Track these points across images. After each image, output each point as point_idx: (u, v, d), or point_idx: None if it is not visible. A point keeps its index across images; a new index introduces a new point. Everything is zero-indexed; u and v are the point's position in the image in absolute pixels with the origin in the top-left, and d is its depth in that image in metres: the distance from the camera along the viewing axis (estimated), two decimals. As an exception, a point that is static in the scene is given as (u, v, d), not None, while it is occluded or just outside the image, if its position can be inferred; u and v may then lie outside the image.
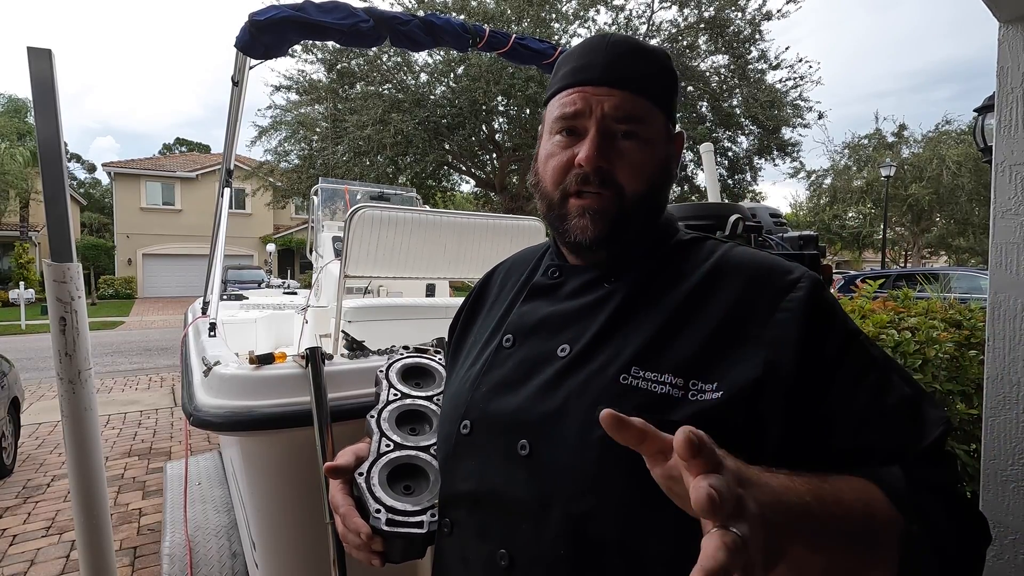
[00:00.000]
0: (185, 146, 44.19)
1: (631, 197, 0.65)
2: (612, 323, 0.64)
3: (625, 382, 0.59)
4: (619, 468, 0.56)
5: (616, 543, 0.57)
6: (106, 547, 1.40)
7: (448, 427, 0.72)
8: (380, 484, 0.75)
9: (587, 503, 0.57)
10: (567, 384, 0.62)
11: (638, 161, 0.65)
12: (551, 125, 0.69)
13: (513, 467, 0.62)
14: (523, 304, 0.73)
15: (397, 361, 1.00)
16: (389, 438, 0.82)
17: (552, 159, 0.68)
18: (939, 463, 0.57)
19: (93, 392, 1.37)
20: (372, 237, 1.99)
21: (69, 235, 1.31)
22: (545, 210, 0.71)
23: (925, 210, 20.30)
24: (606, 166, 0.64)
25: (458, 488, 0.68)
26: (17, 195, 19.75)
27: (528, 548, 0.60)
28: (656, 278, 0.67)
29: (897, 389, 0.59)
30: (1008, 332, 1.10)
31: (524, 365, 0.67)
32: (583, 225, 0.66)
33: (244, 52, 1.95)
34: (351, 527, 0.71)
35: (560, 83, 0.69)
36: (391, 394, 0.92)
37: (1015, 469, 1.09)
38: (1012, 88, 1.10)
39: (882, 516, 0.50)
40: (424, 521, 0.73)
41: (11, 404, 4.17)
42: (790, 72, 12.60)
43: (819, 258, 1.51)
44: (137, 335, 12.88)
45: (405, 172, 12.51)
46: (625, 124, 0.65)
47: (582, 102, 0.65)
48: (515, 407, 0.64)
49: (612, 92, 0.65)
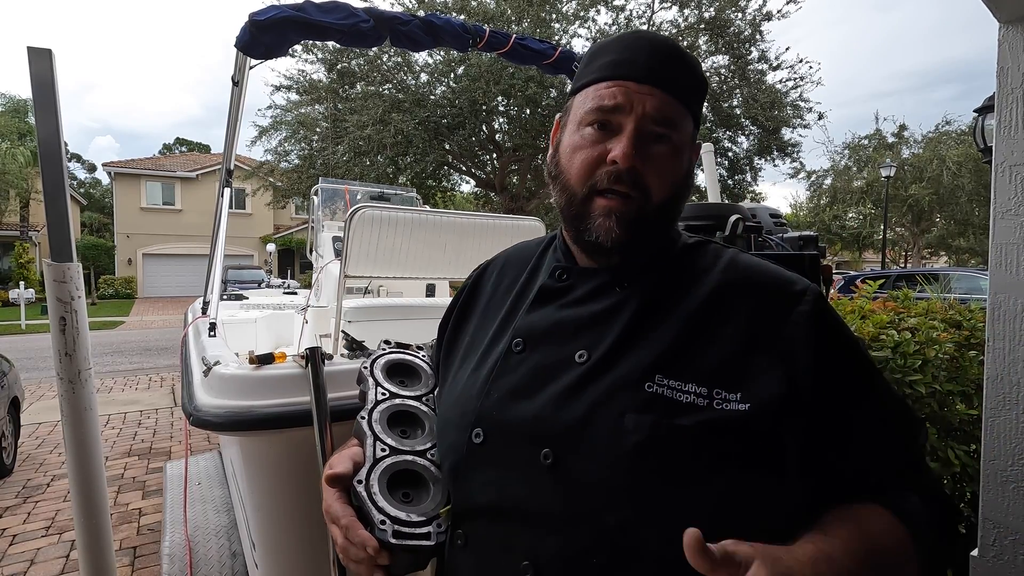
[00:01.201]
0: (185, 146, 44.22)
1: (656, 203, 0.64)
2: (631, 330, 0.63)
3: (650, 390, 0.59)
4: (653, 477, 0.56)
5: (653, 552, 0.56)
6: (106, 547, 1.40)
7: (456, 435, 0.68)
8: (381, 492, 0.70)
9: (622, 514, 0.56)
10: (589, 392, 0.60)
11: (668, 167, 0.64)
12: (583, 116, 0.65)
13: (537, 478, 0.60)
14: (532, 308, 0.71)
15: (380, 357, 0.94)
16: (384, 442, 0.77)
17: (580, 152, 0.65)
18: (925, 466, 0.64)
19: (93, 392, 1.37)
20: (372, 237, 1.99)
21: (69, 235, 1.31)
22: (564, 204, 0.67)
23: (925, 210, 20.30)
24: (640, 167, 0.62)
25: (476, 500, 0.65)
26: (17, 195, 19.77)
27: (556, 560, 0.59)
28: (667, 284, 0.66)
29: (889, 401, 0.64)
30: (1008, 332, 1.10)
31: (538, 371, 0.65)
32: (608, 226, 0.63)
33: (244, 52, 1.95)
34: (356, 540, 0.64)
35: (597, 74, 0.65)
36: (379, 393, 0.85)
37: (1015, 469, 1.09)
38: (1012, 88, 1.10)
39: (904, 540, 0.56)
40: (431, 532, 0.68)
41: (11, 404, 4.17)
42: (790, 72, 12.62)
43: (819, 258, 1.51)
44: (137, 335, 12.88)
45: (405, 172, 12.51)
46: (661, 127, 0.63)
47: (623, 96, 0.62)
48: (533, 415, 0.62)
49: (654, 92, 0.62)
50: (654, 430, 0.56)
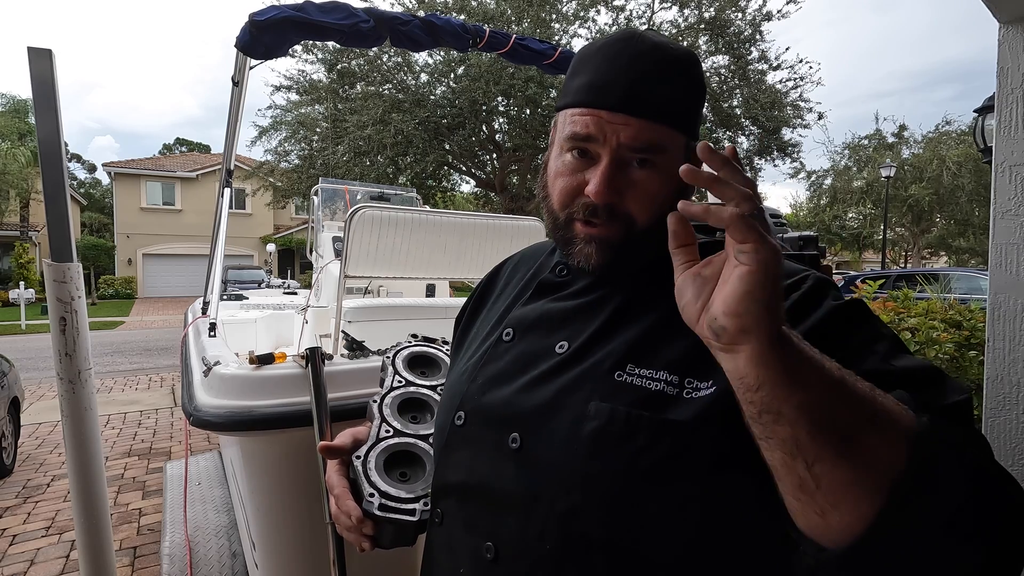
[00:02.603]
0: (185, 146, 44.21)
1: (641, 228, 0.62)
2: (610, 322, 0.64)
3: (619, 379, 0.58)
4: (608, 466, 0.55)
5: (602, 541, 0.56)
6: (106, 547, 1.40)
7: (443, 417, 0.72)
8: (376, 469, 0.76)
9: (572, 500, 0.56)
10: (560, 379, 0.61)
11: (652, 192, 0.61)
12: (562, 141, 0.64)
13: (503, 460, 0.62)
14: (528, 300, 0.73)
15: (404, 348, 1.00)
16: (390, 424, 0.83)
17: (560, 179, 0.64)
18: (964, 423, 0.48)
19: (93, 392, 1.37)
20: (372, 237, 1.99)
21: (69, 235, 1.31)
22: (551, 227, 0.68)
23: (925, 211, 20.30)
24: (616, 200, 0.60)
25: (449, 479, 0.68)
26: (17, 195, 19.76)
27: (513, 542, 0.60)
28: (660, 278, 0.64)
29: (910, 357, 0.53)
30: (1008, 332, 1.10)
31: (521, 359, 0.66)
32: (588, 253, 0.63)
33: (244, 52, 1.95)
34: (343, 508, 0.72)
35: (573, 96, 0.63)
36: (395, 381, 0.92)
37: (1015, 469, 1.09)
38: (1012, 89, 1.10)
39: (896, 404, 0.44)
40: (416, 509, 0.73)
41: (11, 404, 4.16)
42: (790, 73, 12.62)
43: (819, 258, 1.52)
44: (137, 335, 12.88)
45: (405, 172, 12.51)
46: (641, 153, 0.60)
47: (595, 127, 0.60)
48: (506, 399, 0.64)
49: (629, 121, 0.59)
50: (611, 416, 0.56)
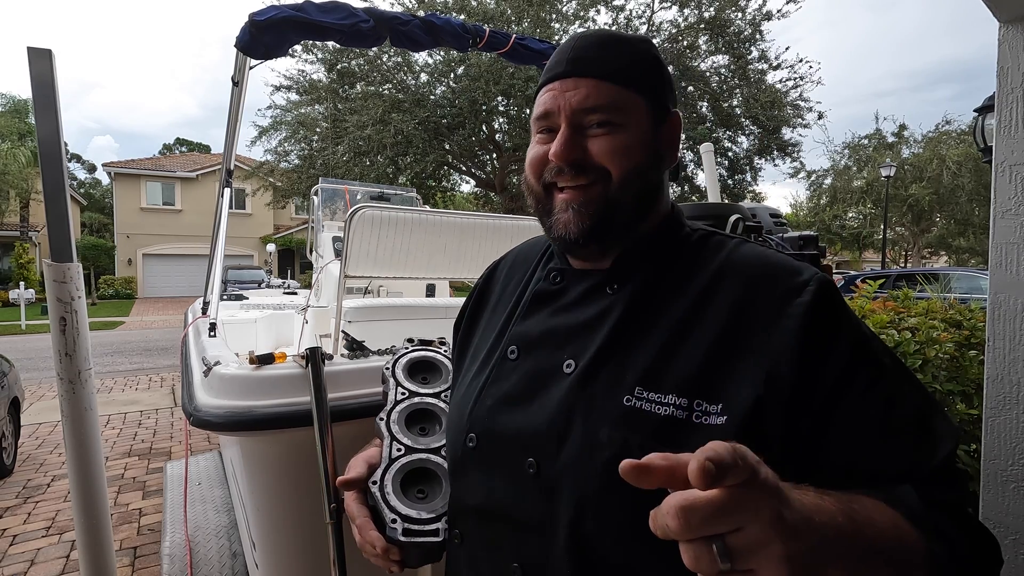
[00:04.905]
0: (185, 146, 44.18)
1: (618, 182, 0.63)
2: (614, 337, 0.62)
3: (629, 404, 0.58)
4: (623, 496, 0.54)
5: (619, 566, 0.57)
6: (106, 547, 1.40)
7: (454, 437, 0.71)
8: (394, 492, 0.76)
9: (588, 527, 0.57)
10: (572, 403, 0.61)
11: (617, 145, 0.63)
12: (533, 129, 0.69)
13: (522, 485, 0.62)
14: (527, 313, 0.72)
15: (402, 356, 0.98)
16: (400, 441, 0.82)
17: (531, 156, 0.69)
18: (950, 481, 0.54)
19: (93, 392, 1.37)
20: (372, 237, 1.99)
21: (69, 235, 1.31)
22: (533, 206, 0.70)
23: (925, 210, 20.29)
24: (579, 156, 0.63)
25: (466, 502, 0.69)
26: (17, 195, 19.75)
27: (539, 563, 0.61)
28: (660, 282, 0.64)
29: (908, 402, 0.56)
30: (1008, 332, 1.10)
31: (529, 379, 0.66)
32: (566, 220, 0.64)
33: (244, 52, 1.95)
34: (367, 539, 0.73)
35: (538, 86, 0.70)
36: (399, 393, 0.91)
37: (1015, 469, 1.09)
38: (1012, 88, 1.10)
39: (909, 538, 0.48)
40: (439, 528, 0.74)
41: (11, 404, 4.16)
42: (790, 72, 12.64)
43: (819, 258, 1.52)
44: (137, 335, 12.88)
45: (405, 172, 12.52)
46: (596, 114, 0.63)
47: (551, 100, 0.65)
48: (521, 424, 0.63)
49: (578, 83, 0.63)
50: (623, 447, 0.55)
